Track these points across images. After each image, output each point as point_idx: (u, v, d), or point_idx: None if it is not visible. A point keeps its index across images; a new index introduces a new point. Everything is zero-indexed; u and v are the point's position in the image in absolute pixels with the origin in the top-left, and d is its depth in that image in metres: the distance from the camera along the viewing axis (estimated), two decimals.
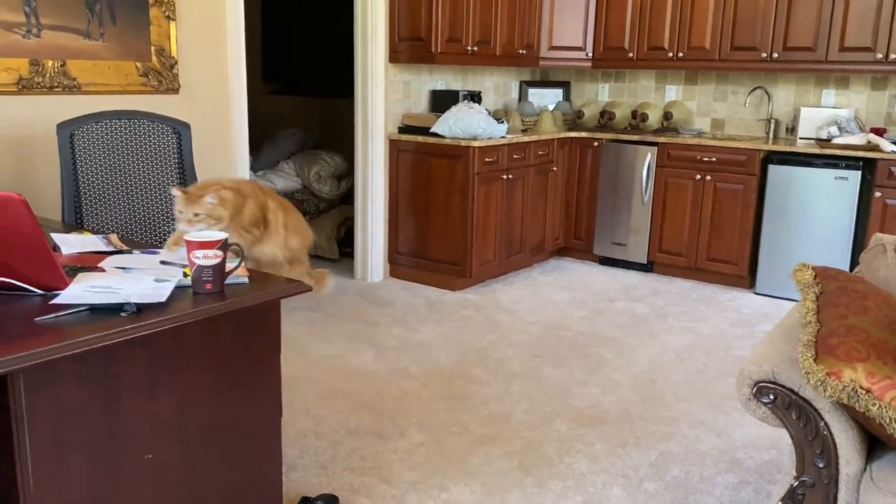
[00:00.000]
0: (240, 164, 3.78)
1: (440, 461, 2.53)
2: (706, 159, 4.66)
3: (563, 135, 5.09)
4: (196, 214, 1.92)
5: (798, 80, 4.86)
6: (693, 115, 5.26)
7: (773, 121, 4.90)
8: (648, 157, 4.86)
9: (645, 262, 4.99)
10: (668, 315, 4.18)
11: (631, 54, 5.11)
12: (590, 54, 5.27)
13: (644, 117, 5.14)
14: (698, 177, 4.69)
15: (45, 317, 1.40)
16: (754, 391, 1.74)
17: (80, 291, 1.51)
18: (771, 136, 4.89)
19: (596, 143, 5.08)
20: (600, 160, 5.08)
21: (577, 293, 4.55)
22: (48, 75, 2.94)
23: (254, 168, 5.29)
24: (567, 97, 5.75)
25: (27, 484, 1.31)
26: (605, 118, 5.32)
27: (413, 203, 4.65)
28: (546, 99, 5.68)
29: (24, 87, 2.88)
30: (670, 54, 4.94)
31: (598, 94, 5.66)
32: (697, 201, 4.73)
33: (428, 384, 3.15)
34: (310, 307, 4.10)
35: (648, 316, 4.15)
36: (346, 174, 5.60)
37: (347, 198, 5.58)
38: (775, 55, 4.58)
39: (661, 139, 4.83)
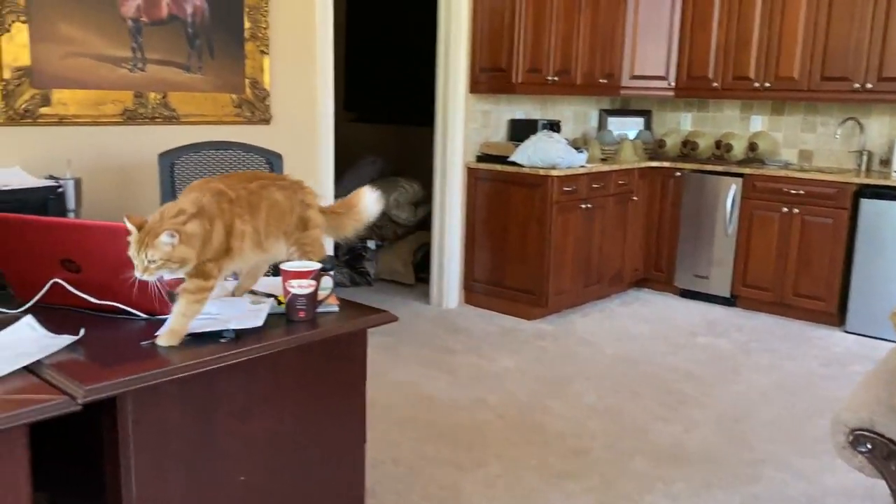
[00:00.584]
0: (324, 192, 3.88)
1: (519, 495, 2.52)
2: (794, 192, 4.53)
3: (643, 164, 5.04)
4: (152, 262, 1.42)
5: (893, 112, 4.68)
6: (780, 145, 5.12)
7: (866, 153, 4.72)
8: (733, 188, 4.75)
9: (728, 295, 4.86)
10: (753, 352, 4.05)
11: (715, 83, 5.03)
12: (672, 83, 5.21)
13: (728, 147, 5.04)
14: (785, 209, 4.56)
15: (149, 341, 1.47)
16: (850, 439, 1.68)
17: None
18: (864, 168, 4.72)
19: (678, 173, 5.01)
20: (682, 190, 4.99)
21: (658, 326, 4.47)
22: (150, 107, 3.11)
23: (336, 195, 5.43)
24: (648, 126, 5.69)
25: (131, 496, 1.37)
26: (688, 148, 5.24)
27: (490, 231, 4.67)
28: (626, 128, 5.64)
29: (129, 117, 3.05)
30: (756, 84, 4.84)
31: (681, 123, 5.58)
32: (784, 234, 4.58)
33: (504, 415, 3.15)
34: (385, 332, 4.15)
35: (732, 352, 4.03)
36: (424, 201, 5.68)
37: (424, 224, 5.65)
38: (869, 85, 4.43)
39: (747, 170, 4.72)
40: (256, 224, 1.61)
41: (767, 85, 4.80)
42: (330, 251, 4.11)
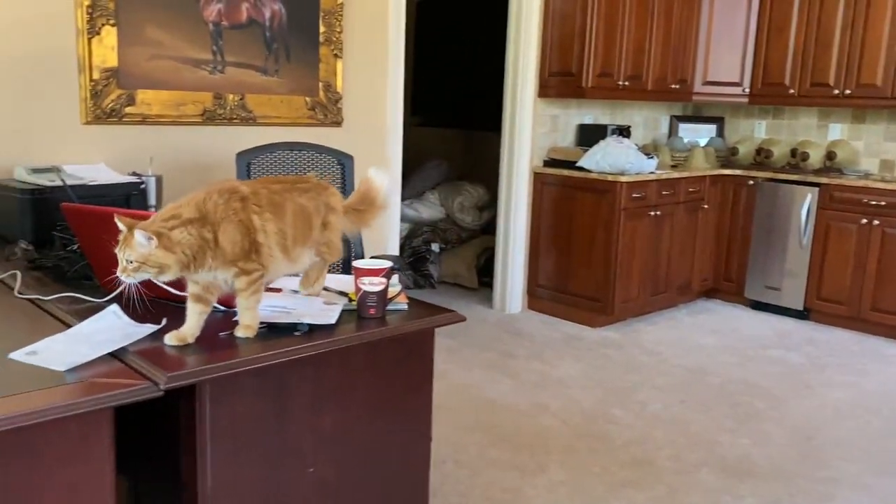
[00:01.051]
0: (392, 194, 3.93)
1: (581, 501, 2.49)
2: (874, 203, 4.36)
3: (715, 172, 4.93)
4: (129, 262, 1.36)
5: None
6: (860, 155, 4.94)
7: None
8: (809, 198, 4.61)
9: (801, 308, 4.70)
10: (827, 367, 3.91)
11: (792, 90, 4.88)
12: (747, 90, 5.08)
13: (805, 156, 4.88)
14: (864, 220, 4.39)
15: (227, 332, 1.52)
16: None
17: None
18: None
19: (751, 182, 4.88)
20: (755, 199, 4.86)
21: (726, 337, 4.36)
22: (229, 108, 3.20)
23: (402, 198, 5.48)
24: (720, 133, 5.57)
25: (206, 481, 1.42)
26: (762, 156, 5.10)
27: (555, 236, 4.64)
28: (698, 134, 5.53)
29: (208, 118, 3.15)
30: (836, 91, 4.68)
31: (755, 130, 5.44)
32: (863, 247, 4.42)
33: (568, 421, 3.12)
34: (448, 334, 4.17)
35: (804, 366, 3.90)
36: (488, 205, 5.69)
37: (488, 228, 5.65)
38: None
39: (824, 180, 4.57)
40: (282, 226, 1.51)
41: (848, 92, 4.64)
42: (395, 251, 4.15)
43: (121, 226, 1.38)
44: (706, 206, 4.92)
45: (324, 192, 1.64)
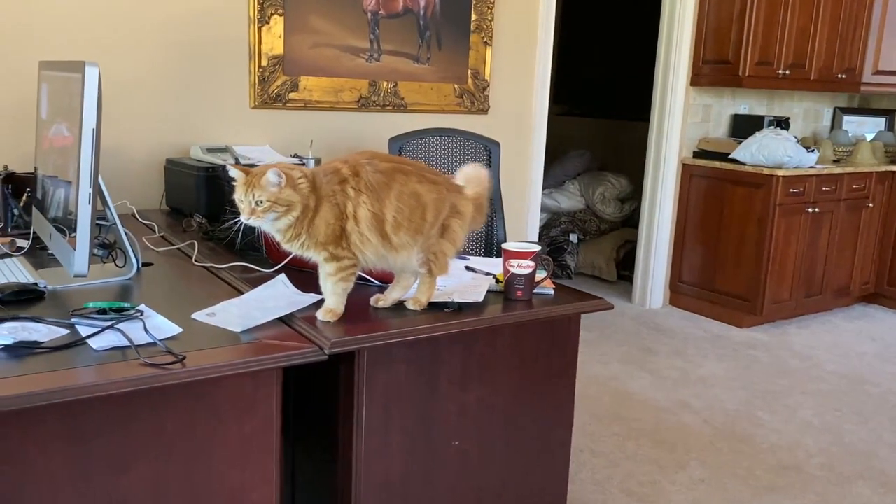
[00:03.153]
0: (534, 182, 3.94)
1: (723, 502, 2.41)
2: None
3: (883, 168, 4.58)
4: (258, 202, 1.38)
5: None
6: None
7: None
8: None
9: None
10: None
11: None
12: None
13: None
14: None
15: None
16: None
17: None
18: None
19: None
20: None
21: (889, 346, 4.05)
22: (382, 95, 3.32)
23: (544, 186, 5.47)
24: (890, 127, 5.15)
25: (360, 446, 1.50)
26: None
27: (702, 231, 4.48)
28: (864, 128, 5.15)
29: (363, 104, 3.29)
30: None
31: None
32: None
33: (710, 421, 3.02)
34: (586, 326, 4.13)
35: None
36: (630, 197, 5.56)
37: (628, 220, 5.53)
38: None
39: None
40: (379, 209, 1.44)
41: None
42: (534, 240, 4.16)
43: (236, 173, 1.40)
44: (871, 205, 4.58)
45: (455, 192, 1.53)
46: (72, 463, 1.17)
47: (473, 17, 3.50)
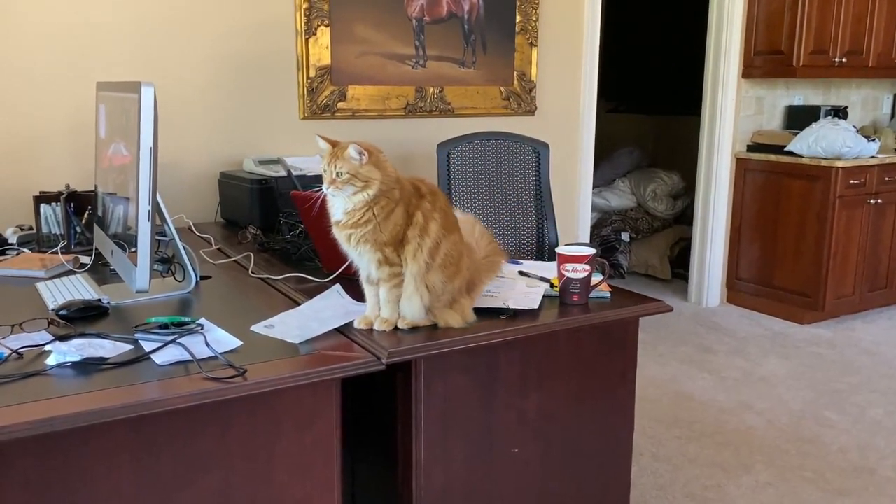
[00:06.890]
0: (585, 182, 3.89)
1: None
2: None
3: None
4: (339, 174, 1.40)
5: None
6: None
7: None
8: None
9: None
10: None
11: None
12: None
13: None
14: None
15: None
16: None
17: None
18: None
19: None
20: None
21: None
22: (429, 100, 3.33)
23: (593, 185, 5.40)
24: None
25: (420, 455, 1.50)
26: None
27: (759, 226, 4.36)
28: None
29: (410, 111, 3.29)
30: None
31: None
32: None
33: (774, 422, 2.93)
34: (641, 327, 4.06)
35: None
36: (683, 193, 5.46)
37: (681, 217, 5.43)
38: None
39: None
40: (443, 239, 1.46)
41: None
42: (585, 241, 4.11)
43: (323, 143, 1.44)
44: None
45: (485, 272, 1.63)
46: (138, 477, 1.20)
47: (518, 18, 3.48)
